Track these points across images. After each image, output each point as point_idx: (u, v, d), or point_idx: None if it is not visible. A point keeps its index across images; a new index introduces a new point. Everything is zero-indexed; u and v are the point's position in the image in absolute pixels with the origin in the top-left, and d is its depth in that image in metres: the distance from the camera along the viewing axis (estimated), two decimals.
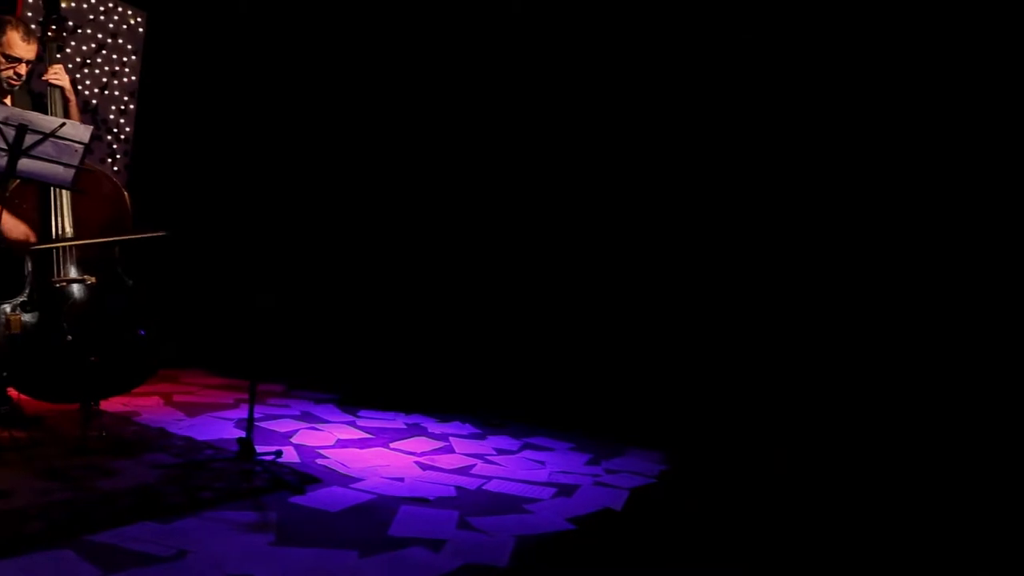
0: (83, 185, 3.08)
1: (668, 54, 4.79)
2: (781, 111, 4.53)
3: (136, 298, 3.45)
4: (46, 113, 3.34)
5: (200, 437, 3.64)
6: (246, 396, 4.76)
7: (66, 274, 3.30)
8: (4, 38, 3.21)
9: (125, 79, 5.66)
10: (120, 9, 5.52)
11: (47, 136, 2.79)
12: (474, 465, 3.69)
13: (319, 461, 3.47)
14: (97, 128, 5.44)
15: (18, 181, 3.08)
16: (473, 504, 3.06)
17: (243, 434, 3.73)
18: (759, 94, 4.58)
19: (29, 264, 3.26)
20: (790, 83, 4.49)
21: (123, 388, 3.44)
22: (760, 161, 4.61)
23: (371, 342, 5.54)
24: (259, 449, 3.24)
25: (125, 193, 3.44)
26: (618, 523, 3.07)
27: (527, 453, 4.05)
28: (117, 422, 3.71)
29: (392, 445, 3.94)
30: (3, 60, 3.23)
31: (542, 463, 3.85)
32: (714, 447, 4.41)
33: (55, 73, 3.43)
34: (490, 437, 4.36)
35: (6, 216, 3.15)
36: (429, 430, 4.38)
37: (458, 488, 3.26)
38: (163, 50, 5.77)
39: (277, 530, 2.57)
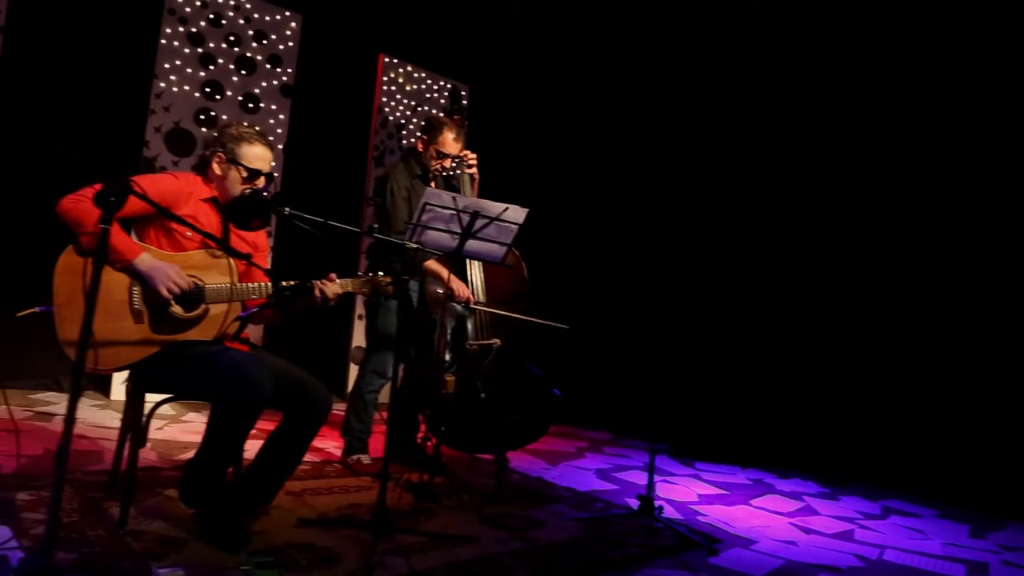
0: None
1: None
2: None
3: (537, 358, 3.75)
4: (458, 192, 3.77)
5: (578, 487, 3.87)
6: (583, 444, 5.07)
7: (477, 337, 3.66)
8: (440, 137, 3.66)
9: None
10: (449, 86, 6.12)
11: (492, 220, 3.14)
12: (852, 531, 3.62)
13: (700, 518, 3.56)
14: None
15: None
16: None
17: (607, 484, 3.95)
18: None
19: (449, 328, 3.65)
20: None
21: (528, 440, 3.70)
22: None
23: (689, 392, 5.61)
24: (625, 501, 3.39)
25: (523, 264, 3.76)
26: None
27: (895, 519, 3.91)
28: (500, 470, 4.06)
29: (753, 503, 3.97)
30: (436, 155, 3.69)
31: (922, 532, 3.70)
32: None
33: (469, 158, 3.85)
34: (842, 498, 4.27)
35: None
36: (776, 487, 4.37)
37: (859, 557, 3.21)
38: (484, 119, 6.31)
39: None
